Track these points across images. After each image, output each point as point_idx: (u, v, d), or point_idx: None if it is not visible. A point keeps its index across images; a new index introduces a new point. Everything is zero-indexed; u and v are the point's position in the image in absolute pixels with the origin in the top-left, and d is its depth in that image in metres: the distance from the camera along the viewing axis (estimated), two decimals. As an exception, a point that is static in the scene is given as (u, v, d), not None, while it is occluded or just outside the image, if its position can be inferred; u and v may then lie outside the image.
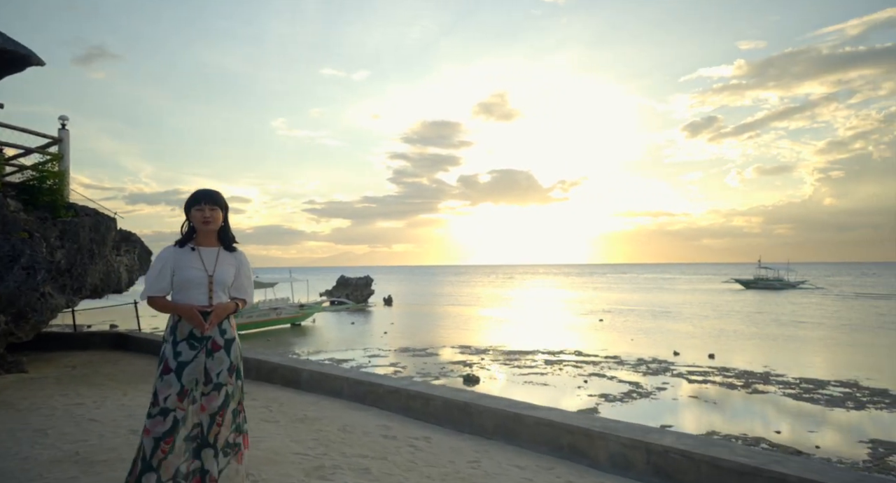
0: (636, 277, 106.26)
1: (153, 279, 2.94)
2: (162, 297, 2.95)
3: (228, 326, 2.97)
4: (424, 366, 16.25)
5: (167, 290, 2.95)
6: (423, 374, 14.77)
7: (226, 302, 2.97)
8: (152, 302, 2.96)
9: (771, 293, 50.14)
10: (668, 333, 23.75)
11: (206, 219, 2.90)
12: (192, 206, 2.94)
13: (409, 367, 16.08)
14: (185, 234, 3.03)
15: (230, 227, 3.06)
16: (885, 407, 11.15)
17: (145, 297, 2.99)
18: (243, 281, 3.05)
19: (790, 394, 12.32)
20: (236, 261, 3.03)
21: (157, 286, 2.93)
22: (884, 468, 7.72)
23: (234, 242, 3.06)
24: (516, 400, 4.54)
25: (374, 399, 5.37)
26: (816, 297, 44.84)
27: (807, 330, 24.54)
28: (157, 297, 2.93)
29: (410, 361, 17.03)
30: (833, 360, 16.82)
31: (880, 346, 19.83)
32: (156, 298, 2.94)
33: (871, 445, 8.77)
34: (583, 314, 33.40)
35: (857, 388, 12.72)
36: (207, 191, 2.99)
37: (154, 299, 2.94)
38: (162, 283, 2.93)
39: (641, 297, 49.55)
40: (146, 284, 2.98)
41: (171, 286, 2.94)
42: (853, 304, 38.02)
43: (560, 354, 18.07)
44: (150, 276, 2.96)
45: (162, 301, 2.94)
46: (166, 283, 2.93)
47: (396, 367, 15.90)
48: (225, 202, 3.01)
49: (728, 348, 19.02)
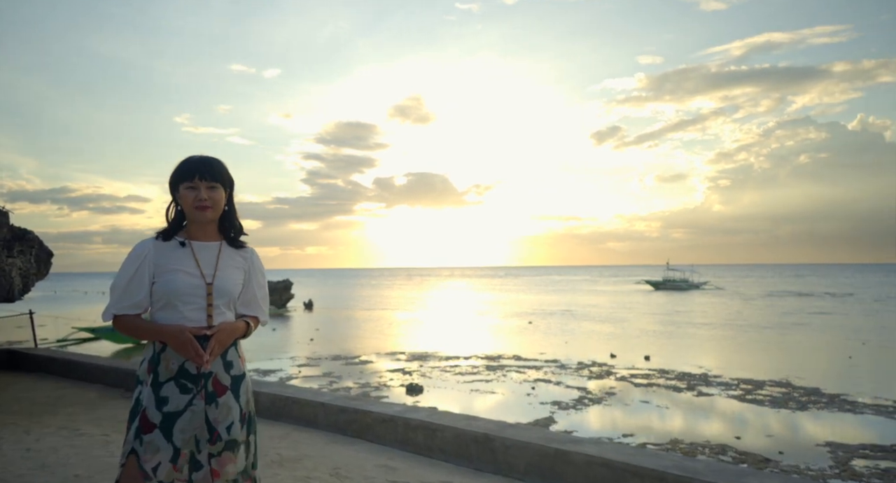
0: (550, 279, 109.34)
1: (122, 289, 1.96)
2: (135, 316, 1.97)
3: (236, 357, 2.05)
4: (361, 375, 15.27)
5: (144, 306, 1.98)
6: (363, 385, 13.81)
7: (232, 321, 2.05)
8: (120, 323, 1.97)
9: (678, 294, 52.81)
10: (597, 335, 24.02)
11: (201, 201, 1.96)
12: (181, 181, 1.98)
13: (344, 376, 15.04)
14: (171, 223, 2.05)
15: (236, 212, 2.12)
16: (825, 407, 11.47)
17: (110, 317, 1.99)
18: (255, 290, 2.12)
19: (734, 395, 12.47)
20: (245, 262, 2.10)
21: (129, 300, 1.96)
22: (853, 474, 7.71)
23: (243, 235, 2.13)
24: (551, 431, 3.85)
25: (360, 430, 4.49)
26: (719, 297, 47.62)
27: (723, 329, 25.67)
28: (128, 315, 1.96)
29: (345, 370, 15.98)
30: (759, 360, 17.47)
31: (793, 344, 20.95)
32: (125, 318, 1.96)
33: (828, 448, 8.83)
34: (509, 317, 33.41)
35: (792, 388, 13.10)
36: (204, 158, 2.02)
37: (123, 319, 1.97)
38: (136, 294, 1.96)
39: (560, 298, 50.63)
40: (111, 297, 1.98)
41: (151, 299, 1.99)
42: (754, 304, 40.59)
43: (500, 359, 17.64)
44: (118, 285, 1.96)
45: (135, 321, 1.97)
46: (142, 294, 1.96)
47: (331, 378, 14.81)
48: (230, 176, 2.07)
49: (659, 349, 19.36)
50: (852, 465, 8.05)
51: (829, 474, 7.74)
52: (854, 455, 8.48)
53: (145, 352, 2.03)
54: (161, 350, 1.96)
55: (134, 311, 1.99)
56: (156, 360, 1.97)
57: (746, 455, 8.44)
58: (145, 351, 2.03)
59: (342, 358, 18.15)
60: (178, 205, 2.05)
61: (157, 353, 1.97)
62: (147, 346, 2.03)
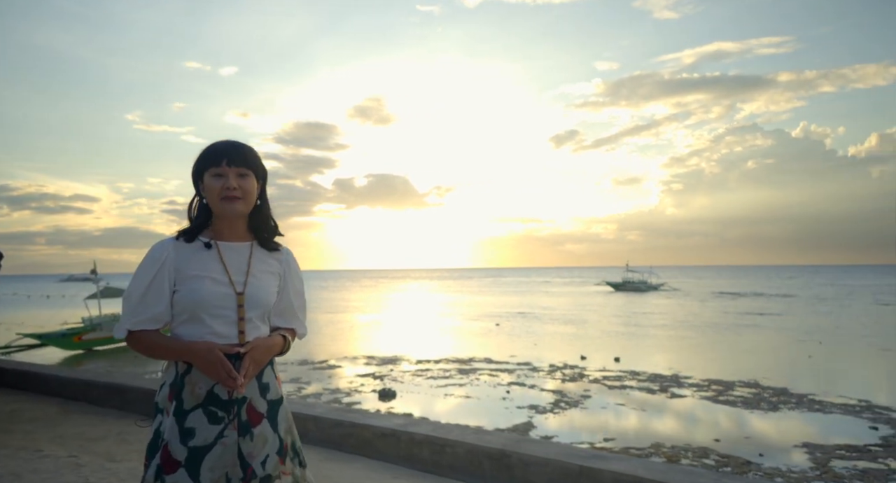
0: (511, 281, 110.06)
1: (137, 300, 1.63)
2: (154, 332, 1.64)
3: (272, 378, 1.73)
4: (330, 380, 14.83)
5: (163, 319, 1.65)
6: (332, 391, 13.39)
7: (267, 336, 1.73)
8: (136, 340, 1.64)
9: (637, 295, 53.84)
10: (564, 336, 24.11)
11: (229, 192, 1.64)
12: (207, 167, 1.66)
13: (312, 381, 14.58)
14: (194, 221, 1.72)
15: (270, 207, 1.80)
16: (795, 407, 11.67)
17: (123, 333, 1.65)
18: (292, 299, 1.81)
19: (707, 397, 12.58)
20: (280, 266, 1.79)
21: (145, 312, 1.63)
22: (834, 476, 7.78)
23: (278, 235, 1.81)
24: (572, 446, 3.62)
25: (357, 445, 4.17)
26: (676, 298, 48.72)
27: (685, 330, 26.13)
28: (146, 331, 1.63)
29: (312, 375, 15.50)
30: (724, 360, 17.77)
31: (754, 345, 21.44)
32: (142, 334, 1.63)
33: (806, 449, 8.92)
34: (475, 319, 33.29)
35: (761, 388, 13.32)
36: (233, 142, 1.70)
37: (139, 336, 1.63)
38: (154, 306, 1.63)
39: (524, 300, 50.89)
40: (124, 309, 1.65)
41: (172, 311, 1.66)
42: (710, 304, 41.63)
43: (471, 362, 17.43)
44: (132, 295, 1.63)
45: (154, 338, 1.64)
46: (162, 306, 1.63)
47: (299, 383, 14.33)
48: (262, 165, 1.75)
49: (627, 351, 19.50)
50: (832, 467, 8.14)
51: (811, 476, 7.79)
52: (831, 456, 8.59)
53: (166, 374, 1.70)
54: (185, 372, 1.64)
55: (152, 325, 1.65)
56: (179, 384, 1.64)
57: (729, 458, 8.44)
58: (165, 373, 1.70)
59: (308, 362, 17.63)
60: (202, 198, 1.72)
61: (181, 376, 1.64)
62: (168, 367, 1.70)
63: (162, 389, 1.69)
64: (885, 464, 8.24)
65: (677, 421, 10.76)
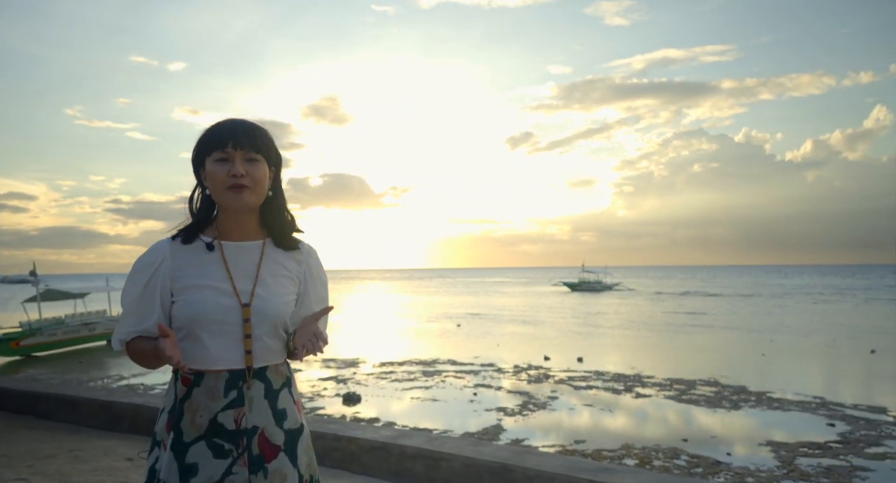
0: (469, 281, 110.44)
1: (128, 311, 1.37)
2: (145, 341, 1.39)
3: (290, 403, 1.47)
4: (291, 384, 14.35)
5: (157, 333, 1.42)
6: (294, 395, 12.93)
7: (281, 357, 1.48)
8: (132, 352, 1.40)
9: (593, 295, 54.75)
10: (526, 337, 24.17)
11: (236, 180, 1.36)
12: (209, 151, 1.38)
13: (272, 386, 14.05)
14: (195, 216, 1.45)
15: (285, 198, 1.51)
16: (755, 405, 11.91)
17: (119, 345, 1.40)
18: (314, 307, 1.53)
19: (670, 396, 12.73)
20: (300, 267, 1.51)
21: (138, 323, 1.37)
22: (802, 474, 7.91)
23: (297, 231, 1.53)
24: (576, 458, 3.45)
25: (343, 460, 3.90)
26: (631, 298, 49.78)
27: (642, 330, 26.60)
28: (140, 340, 1.39)
29: (272, 379, 14.96)
30: (683, 359, 18.11)
31: (709, 343, 21.99)
32: (135, 344, 1.39)
33: (771, 448, 9.07)
34: (435, 319, 33.10)
35: (721, 387, 13.57)
36: (240, 122, 1.41)
37: (134, 346, 1.40)
38: (145, 317, 1.37)
39: (482, 300, 51.01)
40: (120, 320, 1.40)
41: (169, 325, 1.39)
42: (664, 304, 42.67)
43: (435, 364, 17.21)
44: (124, 305, 1.38)
45: (138, 345, 1.39)
46: (153, 318, 1.36)
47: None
48: (276, 149, 1.47)
49: (589, 350, 19.65)
50: (797, 465, 8.27)
51: (778, 475, 7.90)
52: (796, 454, 8.75)
53: (164, 400, 1.43)
54: (185, 397, 1.37)
55: (146, 336, 1.39)
56: (177, 411, 1.37)
57: (699, 458, 8.49)
58: (164, 399, 1.43)
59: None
60: (204, 189, 1.45)
61: (179, 402, 1.37)
62: (167, 391, 1.43)
63: (160, 418, 1.42)
64: (847, 461, 8.44)
65: (644, 421, 10.81)
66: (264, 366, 1.42)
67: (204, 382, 1.37)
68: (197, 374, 1.37)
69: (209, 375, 1.37)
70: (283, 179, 1.50)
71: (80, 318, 22.81)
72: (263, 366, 1.42)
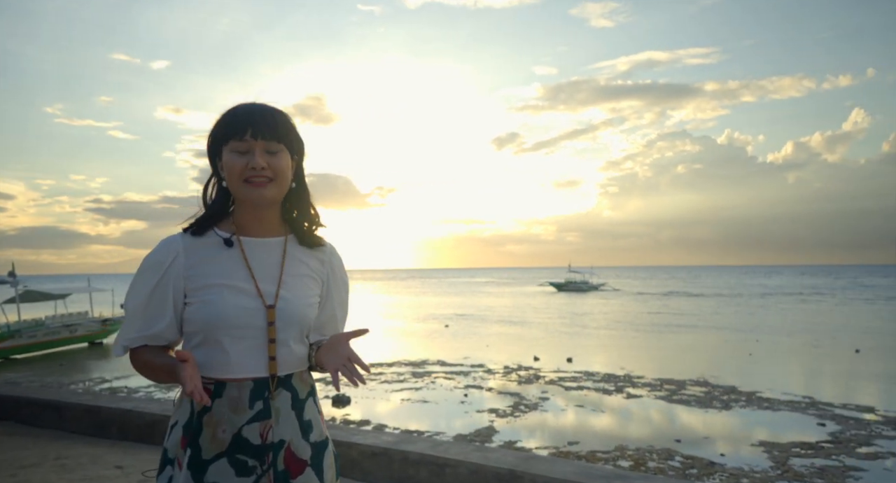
0: (455, 281, 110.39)
1: (134, 314, 1.23)
2: (156, 350, 1.26)
3: (315, 414, 1.34)
4: (279, 386, 14.15)
5: (168, 338, 1.26)
6: (283, 397, 12.74)
7: (306, 363, 1.35)
8: (136, 360, 1.26)
9: (580, 295, 54.95)
10: (514, 337, 24.13)
11: (255, 173, 1.22)
12: (226, 139, 1.24)
13: (260, 388, 13.85)
14: (210, 208, 1.31)
15: (309, 191, 1.38)
16: (746, 405, 11.94)
17: (121, 351, 1.25)
18: (335, 309, 1.42)
19: (661, 396, 12.73)
20: (323, 268, 1.38)
21: (146, 328, 1.23)
22: (795, 475, 7.91)
23: (319, 225, 1.39)
24: (589, 464, 3.36)
25: (343, 466, 3.73)
26: (617, 298, 50.05)
27: (629, 330, 26.70)
28: (147, 350, 1.26)
29: (259, 381, 14.75)
30: (671, 359, 18.17)
31: (697, 343, 22.09)
32: (139, 352, 1.25)
33: (764, 448, 9.07)
34: (422, 320, 32.96)
35: (711, 387, 13.61)
36: (259, 107, 1.27)
37: (139, 355, 1.25)
38: (154, 321, 1.23)
39: (469, 301, 50.97)
40: (123, 324, 1.25)
41: (181, 329, 1.26)
42: (650, 304, 42.92)
43: (424, 365, 17.09)
44: (130, 307, 1.23)
45: (146, 356, 1.25)
46: (164, 322, 1.23)
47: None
48: (299, 137, 1.33)
49: (578, 351, 19.64)
50: (791, 465, 8.28)
51: (772, 476, 7.89)
52: (789, 454, 8.76)
53: (177, 412, 1.30)
54: (203, 410, 1.25)
55: (154, 342, 1.27)
56: (195, 426, 1.25)
57: (693, 459, 8.47)
58: (177, 411, 1.30)
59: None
60: (220, 179, 1.32)
61: (197, 416, 1.25)
62: (179, 402, 1.30)
63: (172, 433, 1.29)
64: (840, 461, 8.46)
65: (637, 422, 10.79)
66: (289, 373, 1.31)
67: (226, 393, 1.24)
68: (217, 384, 1.25)
69: (231, 385, 1.25)
70: (300, 168, 1.37)
71: (61, 319, 22.36)
72: (289, 373, 1.31)
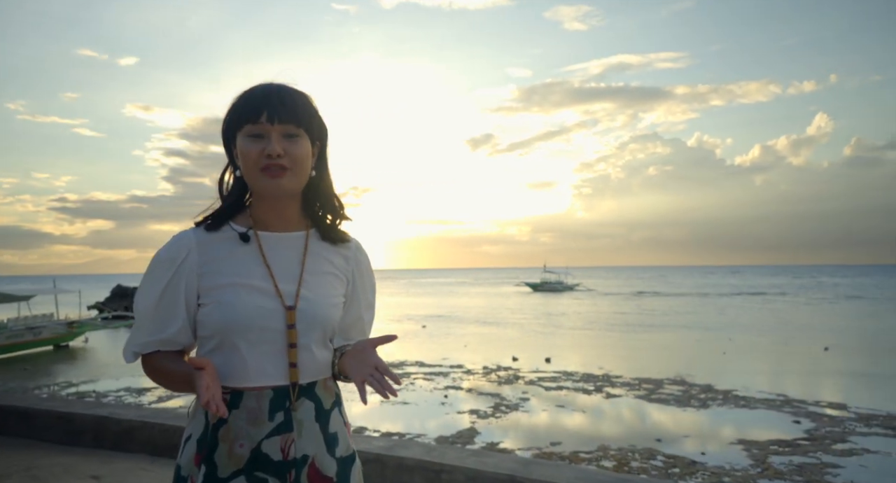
0: (431, 282, 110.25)
1: (145, 317, 1.11)
2: (171, 356, 1.14)
3: (341, 426, 1.21)
4: (254, 389, 13.87)
5: (181, 342, 1.13)
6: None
7: (330, 370, 1.22)
8: (149, 366, 1.14)
9: (555, 295, 55.34)
10: (492, 338, 24.13)
11: (272, 160, 1.09)
12: (241, 124, 1.11)
13: (235, 391, 13.55)
14: (225, 200, 1.19)
15: (332, 181, 1.24)
16: (723, 403, 12.09)
17: (132, 358, 1.12)
18: (362, 311, 1.28)
19: (640, 395, 12.81)
20: (348, 265, 1.25)
21: (157, 332, 1.11)
22: (775, 473, 8.00)
23: (344, 218, 1.26)
24: (589, 469, 3.28)
25: (332, 474, 3.64)
26: (592, 298, 50.55)
27: (604, 330, 26.94)
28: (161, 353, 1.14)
29: (234, 384, 14.45)
30: (648, 358, 18.33)
31: (671, 342, 22.37)
32: (152, 358, 1.13)
33: (743, 446, 9.17)
34: (398, 321, 32.77)
35: (689, 386, 13.75)
36: (276, 88, 1.13)
37: (152, 361, 1.14)
38: (166, 325, 1.11)
39: (445, 301, 50.91)
40: (134, 327, 1.12)
41: (195, 332, 1.14)
42: (625, 304, 43.41)
43: (403, 366, 16.95)
44: (140, 309, 1.11)
45: (160, 362, 1.13)
46: (176, 325, 1.11)
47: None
48: (321, 120, 1.18)
49: (555, 351, 19.71)
50: (770, 463, 8.37)
51: (753, 474, 7.97)
52: (767, 452, 8.86)
53: (190, 425, 1.17)
54: (219, 423, 1.12)
55: (167, 347, 1.14)
56: (210, 440, 1.12)
57: (675, 459, 8.51)
58: (190, 424, 1.17)
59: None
60: (235, 168, 1.19)
61: (212, 429, 1.13)
62: (193, 414, 1.18)
63: (186, 448, 1.16)
64: (817, 458, 8.59)
65: (617, 421, 10.82)
66: (313, 381, 1.19)
67: (243, 403, 1.12)
68: (233, 394, 1.12)
69: (249, 394, 1.12)
70: (323, 155, 1.24)
71: (24, 322, 21.64)
72: (312, 381, 1.19)
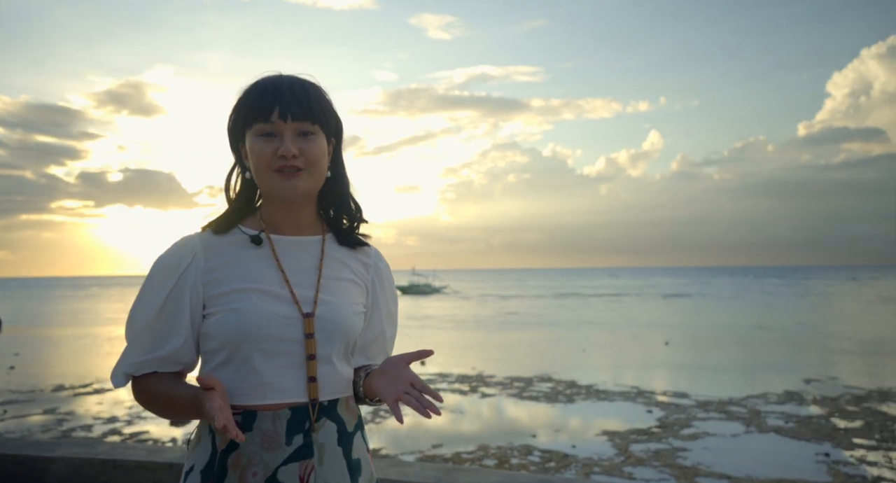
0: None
1: (143, 331, 1.00)
2: (168, 378, 1.03)
3: (363, 451, 1.15)
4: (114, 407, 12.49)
5: (183, 361, 1.03)
6: (130, 420, 11.27)
7: (350, 388, 1.15)
8: (141, 390, 1.03)
9: (424, 297, 56.15)
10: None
11: (286, 161, 1.03)
12: (251, 122, 1.03)
13: (86, 413, 12.12)
14: (233, 203, 1.12)
15: (349, 182, 1.17)
16: (586, 398, 13.00)
17: (122, 380, 1.01)
18: (384, 325, 1.21)
19: (512, 393, 13.39)
20: (367, 272, 1.20)
21: (155, 350, 1.00)
22: (637, 460, 8.74)
23: (361, 221, 1.19)
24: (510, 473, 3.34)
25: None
26: (459, 301, 52.01)
27: (473, 331, 27.85)
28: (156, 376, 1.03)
29: (82, 404, 12.91)
30: (516, 358, 19.24)
31: (536, 341, 23.67)
32: (147, 381, 1.03)
33: (607, 437, 9.92)
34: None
35: (555, 382, 14.62)
36: (288, 81, 1.04)
37: (145, 385, 1.03)
38: (166, 340, 1.01)
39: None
40: (126, 345, 1.01)
41: (198, 348, 1.04)
42: (490, 306, 45.19)
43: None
44: (136, 323, 1.00)
45: (159, 386, 1.03)
46: (179, 340, 1.01)
47: (62, 416, 11.79)
48: (336, 115, 1.11)
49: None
50: (632, 451, 9.15)
51: (618, 463, 8.65)
52: (629, 441, 9.68)
53: (192, 455, 1.04)
54: (228, 449, 1.00)
55: (166, 368, 1.01)
56: (217, 469, 1.01)
57: (550, 453, 8.99)
58: (191, 453, 1.04)
59: (68, 387, 14.69)
60: (244, 168, 1.09)
61: (220, 456, 1.00)
62: (197, 440, 1.05)
63: (188, 479, 1.02)
64: (668, 443, 9.54)
65: (494, 420, 11.23)
66: (334, 399, 1.09)
67: (257, 425, 1.00)
68: (245, 414, 1.00)
69: (264, 415, 1.01)
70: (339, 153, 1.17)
71: None
72: (333, 399, 1.08)
